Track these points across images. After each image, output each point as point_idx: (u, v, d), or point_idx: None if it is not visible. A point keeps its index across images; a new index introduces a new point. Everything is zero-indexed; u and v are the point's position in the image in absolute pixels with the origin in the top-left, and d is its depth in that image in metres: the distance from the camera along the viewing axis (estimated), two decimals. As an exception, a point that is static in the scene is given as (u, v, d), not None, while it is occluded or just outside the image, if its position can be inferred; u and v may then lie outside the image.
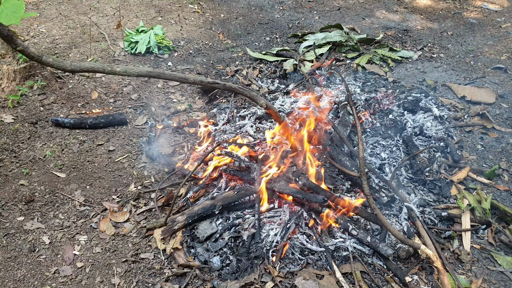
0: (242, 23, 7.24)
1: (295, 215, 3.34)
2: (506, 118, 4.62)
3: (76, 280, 2.98)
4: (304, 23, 7.38)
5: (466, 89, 5.07)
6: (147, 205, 3.62)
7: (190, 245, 3.20)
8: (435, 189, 3.73)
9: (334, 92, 5.05)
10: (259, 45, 6.59)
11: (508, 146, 4.23)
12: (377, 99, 4.80)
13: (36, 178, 3.78)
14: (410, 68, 5.83)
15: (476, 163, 4.06)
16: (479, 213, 3.41)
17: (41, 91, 4.69)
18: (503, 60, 5.83)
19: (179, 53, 6.03)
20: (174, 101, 5.00)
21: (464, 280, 2.96)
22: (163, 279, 2.97)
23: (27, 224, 3.35)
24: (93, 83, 5.02)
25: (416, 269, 3.04)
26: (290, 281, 2.91)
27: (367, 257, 3.12)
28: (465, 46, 6.34)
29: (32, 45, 5.67)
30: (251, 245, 3.14)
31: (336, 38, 6.34)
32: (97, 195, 3.69)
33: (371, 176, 3.70)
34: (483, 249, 3.23)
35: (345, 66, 5.89)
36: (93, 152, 4.13)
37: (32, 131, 4.22)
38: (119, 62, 5.51)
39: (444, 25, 7.13)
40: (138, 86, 5.12)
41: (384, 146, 4.22)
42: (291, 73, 5.70)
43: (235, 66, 5.92)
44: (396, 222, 3.35)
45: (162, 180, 3.86)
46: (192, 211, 3.32)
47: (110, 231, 3.35)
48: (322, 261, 3.06)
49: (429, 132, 4.36)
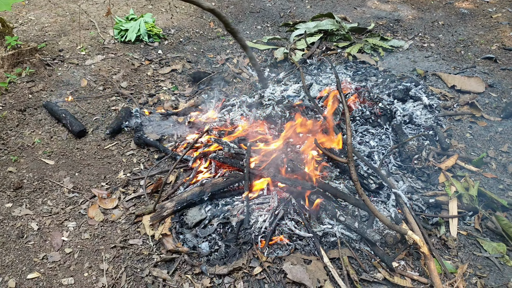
0: (233, 12, 7.21)
1: (284, 201, 3.35)
2: (495, 107, 4.64)
3: (65, 265, 2.98)
4: (296, 12, 7.36)
5: (456, 78, 5.09)
6: (136, 192, 3.62)
7: (179, 231, 3.20)
8: (423, 177, 3.75)
9: (324, 81, 5.06)
10: (250, 34, 6.57)
11: (497, 134, 4.26)
12: (368, 88, 4.81)
13: (25, 165, 3.76)
14: (400, 57, 5.84)
15: (464, 151, 4.08)
16: (466, 200, 3.43)
17: (29, 78, 4.66)
18: (493, 50, 5.85)
19: (170, 41, 5.99)
20: (164, 89, 4.98)
21: (450, 265, 2.99)
22: (152, 265, 2.97)
23: (16, 210, 3.34)
24: (83, 71, 4.99)
25: (403, 254, 3.07)
26: (278, 266, 2.93)
27: (355, 242, 3.14)
28: (456, 36, 6.35)
29: (21, 32, 5.62)
30: (240, 231, 3.15)
31: (327, 27, 6.33)
32: (86, 182, 3.68)
33: (360, 163, 3.71)
34: (470, 235, 3.25)
35: (336, 55, 5.89)
36: (81, 140, 4.12)
37: (20, 119, 4.19)
38: (109, 49, 5.47)
39: (435, 15, 7.13)
40: (127, 74, 5.09)
41: (374, 135, 4.23)
42: (282, 62, 5.69)
43: (226, 54, 5.90)
44: (384, 209, 3.37)
45: (151, 167, 3.85)
46: (181, 198, 3.32)
47: (99, 217, 3.35)
48: (310, 247, 3.07)
49: (418, 121, 4.37)
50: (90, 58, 5.22)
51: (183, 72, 5.36)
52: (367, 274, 2.92)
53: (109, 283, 2.87)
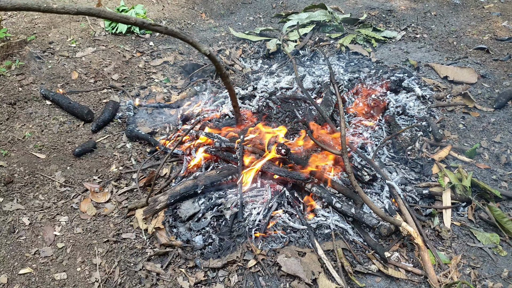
0: (225, 3, 7.15)
1: (278, 194, 3.34)
2: (488, 98, 4.65)
3: (57, 260, 2.95)
4: (288, 3, 7.31)
5: (448, 69, 5.09)
6: (128, 185, 3.59)
7: (172, 225, 3.19)
8: (416, 168, 3.75)
9: (317, 72, 5.04)
10: (242, 25, 6.53)
11: (489, 125, 4.26)
12: (360, 79, 4.80)
13: (15, 159, 3.72)
14: (393, 48, 5.82)
15: (457, 142, 4.08)
16: (459, 190, 3.44)
17: (19, 71, 4.59)
18: (485, 40, 5.84)
19: (161, 33, 5.93)
20: (156, 81, 4.94)
21: (444, 256, 2.99)
22: (145, 259, 2.96)
23: (7, 205, 3.30)
24: (73, 63, 4.93)
25: (397, 246, 3.07)
26: (272, 258, 2.92)
27: (349, 234, 3.14)
28: (448, 27, 6.34)
29: (10, 24, 5.54)
30: (234, 224, 3.14)
31: (320, 17, 6.30)
32: (77, 176, 3.65)
33: (353, 155, 3.70)
34: (463, 226, 3.26)
35: (328, 46, 5.86)
36: (73, 133, 4.07)
37: (10, 112, 4.14)
38: (100, 42, 5.41)
39: (427, 5, 7.11)
40: (119, 66, 5.04)
41: (367, 126, 4.22)
42: (274, 53, 5.66)
43: (218, 46, 5.86)
44: (378, 200, 3.37)
45: (144, 161, 3.82)
46: (174, 191, 3.30)
47: (91, 211, 3.32)
48: (304, 239, 3.07)
49: (411, 112, 4.37)
50: (81, 50, 5.16)
51: (175, 64, 5.31)
52: (361, 266, 2.92)
53: (102, 278, 2.85)
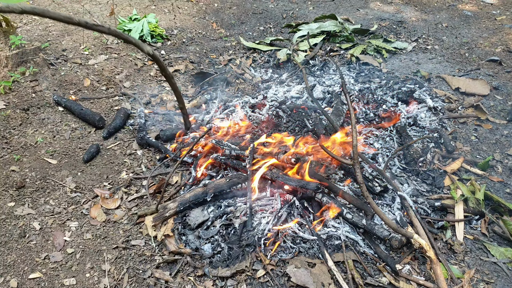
0: (236, 13, 7.18)
1: (287, 203, 3.32)
2: (500, 110, 4.61)
3: (66, 266, 2.95)
4: (298, 13, 7.33)
5: (460, 80, 5.06)
6: (138, 192, 3.59)
7: (181, 232, 3.17)
8: (428, 180, 3.72)
9: (327, 82, 5.04)
10: (252, 35, 6.55)
11: (502, 137, 4.23)
12: (371, 89, 4.78)
13: (27, 164, 3.74)
14: (404, 59, 5.81)
15: (470, 154, 4.05)
16: (472, 203, 3.40)
17: (33, 77, 4.63)
18: (497, 52, 5.82)
19: (172, 41, 5.97)
20: (167, 89, 4.96)
21: (456, 270, 2.95)
22: (154, 266, 2.94)
23: (18, 209, 3.31)
24: (86, 70, 4.96)
25: (409, 258, 3.03)
26: (281, 269, 2.90)
27: (360, 246, 3.11)
28: (460, 38, 6.32)
29: (25, 32, 5.60)
30: (243, 233, 3.12)
31: (330, 28, 6.30)
32: (88, 181, 3.65)
33: (364, 165, 3.68)
34: (476, 239, 3.22)
35: (339, 56, 5.86)
36: (84, 139, 4.09)
37: (23, 118, 4.17)
38: (112, 49, 5.45)
39: (439, 17, 7.11)
40: (130, 74, 5.07)
41: (378, 137, 4.20)
42: (284, 63, 5.67)
43: (229, 55, 5.88)
44: (389, 212, 3.34)
45: (154, 168, 3.82)
46: (183, 198, 3.29)
47: (101, 217, 3.32)
48: (314, 250, 3.04)
49: (423, 123, 4.35)
50: (93, 58, 5.20)
51: (186, 72, 5.34)
52: (372, 278, 2.88)
53: (111, 284, 2.84)
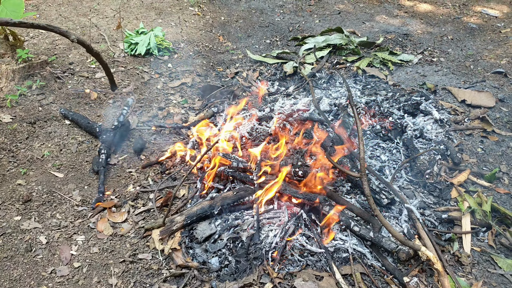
0: (242, 26, 7.23)
1: (294, 216, 3.31)
2: (506, 122, 4.60)
3: (73, 280, 2.95)
4: (305, 26, 7.37)
5: (466, 92, 5.06)
6: (145, 205, 3.59)
7: (188, 246, 3.17)
8: (435, 192, 3.71)
9: (334, 94, 5.05)
10: (259, 48, 6.59)
11: (508, 149, 4.22)
12: (378, 101, 4.79)
13: (34, 178, 3.76)
14: (410, 71, 5.82)
15: (476, 166, 4.04)
16: (479, 215, 3.38)
17: (39, 91, 4.67)
18: (503, 64, 5.82)
19: (179, 54, 6.01)
20: (174, 102, 4.98)
21: (464, 282, 2.93)
22: (161, 280, 2.94)
23: (24, 223, 3.32)
24: (93, 84, 5.00)
25: (416, 271, 3.01)
26: (289, 282, 2.88)
27: (367, 259, 3.09)
28: (465, 51, 6.33)
29: (31, 45, 5.66)
30: (250, 246, 3.11)
31: (336, 41, 6.33)
32: (95, 195, 3.66)
33: (371, 178, 3.68)
34: (484, 251, 3.20)
35: (345, 69, 5.88)
36: (91, 153, 4.11)
37: (30, 131, 4.20)
38: (119, 63, 5.49)
39: (444, 29, 7.13)
40: (137, 87, 5.10)
41: (384, 149, 4.20)
42: (291, 75, 5.69)
43: (235, 68, 5.91)
44: (396, 224, 3.32)
45: (161, 181, 3.83)
46: (190, 212, 3.29)
47: (108, 231, 3.32)
48: (321, 263, 3.03)
49: (429, 135, 4.34)
50: (100, 71, 5.24)
51: (193, 85, 5.36)
52: (379, 291, 2.87)
53: (118, 298, 2.84)
